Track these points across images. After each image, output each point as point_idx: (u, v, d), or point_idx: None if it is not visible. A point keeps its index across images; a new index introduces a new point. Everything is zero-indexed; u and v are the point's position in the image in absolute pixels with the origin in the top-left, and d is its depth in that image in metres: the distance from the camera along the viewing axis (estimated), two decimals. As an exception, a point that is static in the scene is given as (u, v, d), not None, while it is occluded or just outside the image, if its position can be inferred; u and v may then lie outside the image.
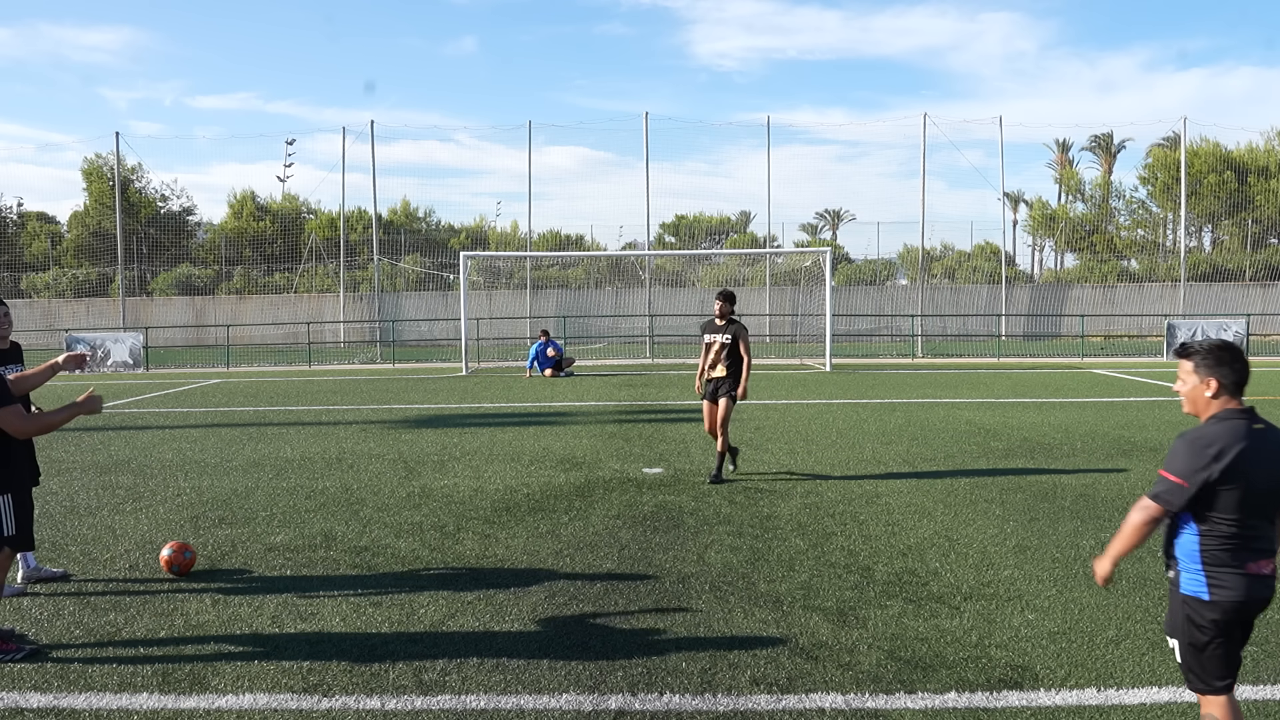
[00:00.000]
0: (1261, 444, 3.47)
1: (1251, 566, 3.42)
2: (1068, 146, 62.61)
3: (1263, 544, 3.45)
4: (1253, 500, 3.40)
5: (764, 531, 7.51)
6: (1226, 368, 3.60)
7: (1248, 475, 3.38)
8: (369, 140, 33.48)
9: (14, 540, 5.21)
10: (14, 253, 42.97)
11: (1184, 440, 3.49)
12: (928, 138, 32.37)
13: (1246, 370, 3.59)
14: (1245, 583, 3.41)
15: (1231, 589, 3.41)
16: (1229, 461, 3.38)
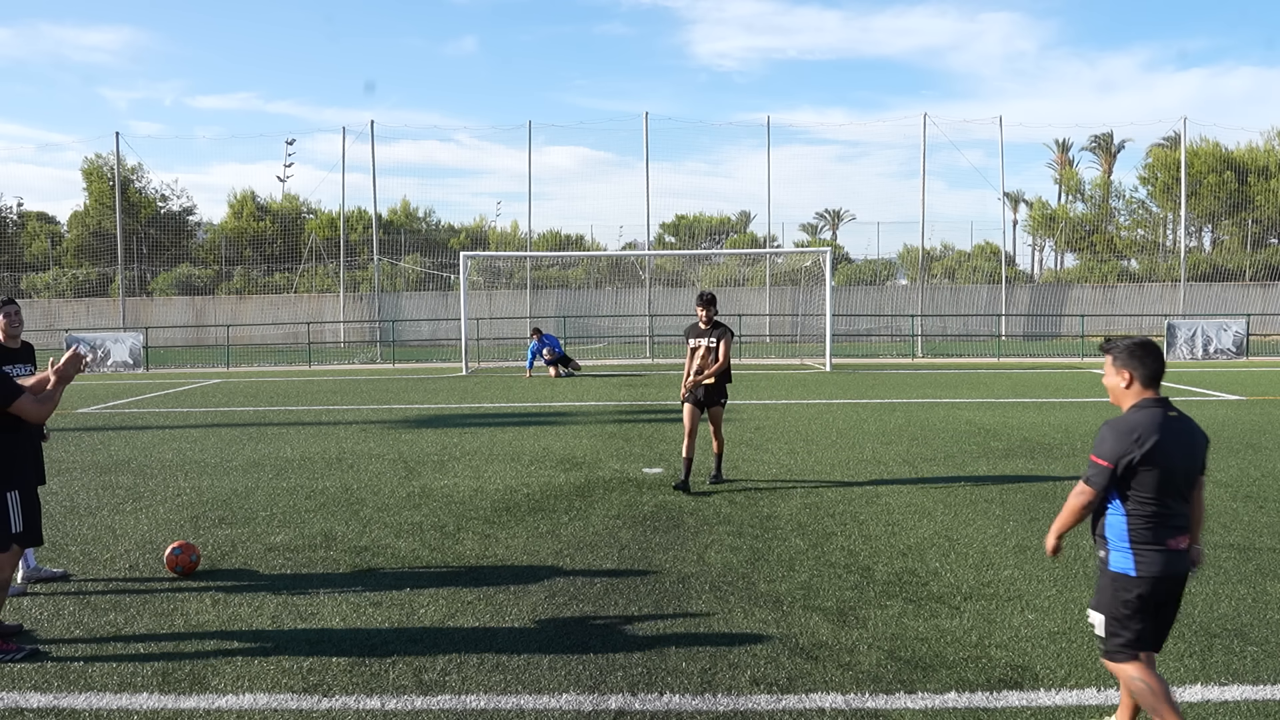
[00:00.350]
0: (1175, 430, 3.82)
1: (1170, 543, 3.80)
2: (1068, 146, 62.64)
3: (1179, 521, 3.84)
4: (1169, 481, 3.78)
5: (764, 531, 7.51)
6: (1138, 361, 3.90)
7: (1164, 458, 3.75)
8: (369, 140, 33.48)
9: (22, 537, 5.22)
10: (14, 253, 42.97)
11: (1108, 427, 3.84)
12: (928, 138, 32.37)
13: (1160, 365, 3.90)
14: (1165, 558, 3.79)
15: (1154, 564, 3.79)
16: (1148, 446, 3.74)
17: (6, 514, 5.13)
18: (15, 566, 5.29)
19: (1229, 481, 9.21)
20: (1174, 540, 3.81)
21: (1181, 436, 3.82)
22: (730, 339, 9.25)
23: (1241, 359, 25.81)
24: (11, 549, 5.18)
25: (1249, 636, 5.19)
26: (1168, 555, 3.80)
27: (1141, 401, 3.88)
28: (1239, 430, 12.50)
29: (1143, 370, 3.88)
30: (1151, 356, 3.89)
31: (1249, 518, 7.80)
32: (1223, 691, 4.52)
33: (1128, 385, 3.91)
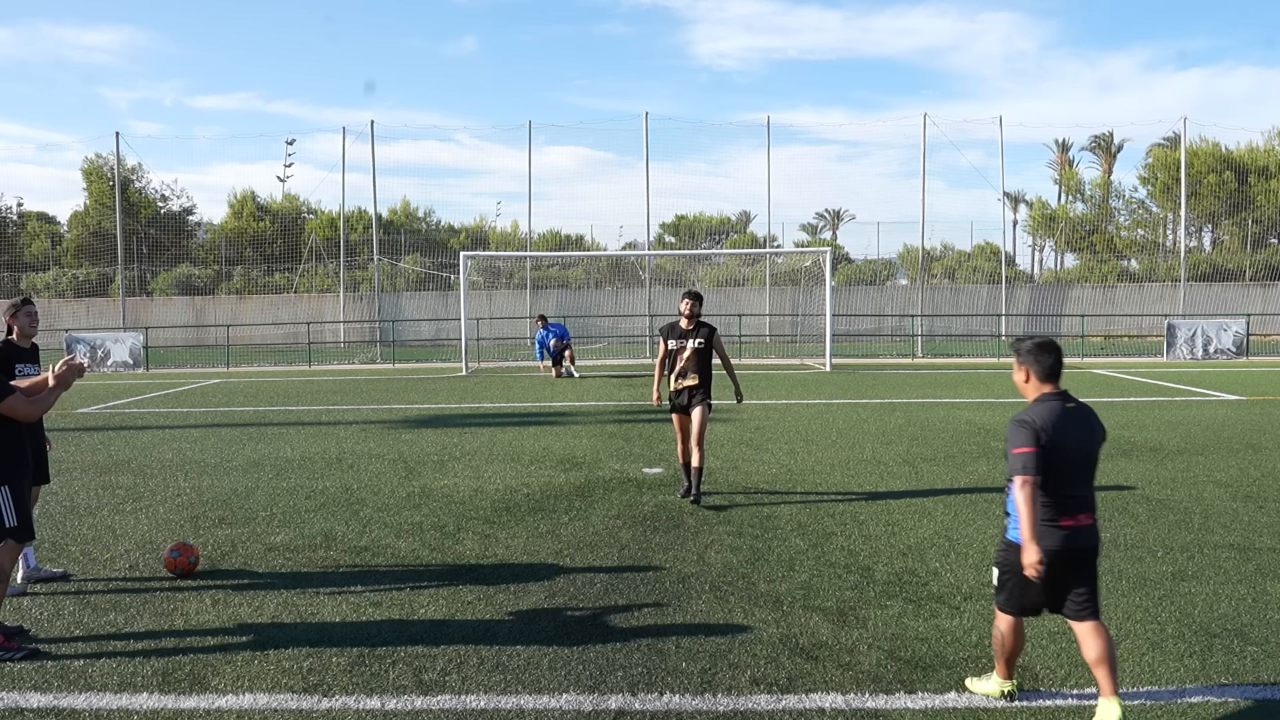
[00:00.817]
0: (1072, 420, 4.21)
1: (1065, 521, 4.15)
2: (1068, 146, 62.64)
3: (1077, 502, 4.18)
4: (1067, 466, 4.15)
5: (764, 531, 7.51)
6: (1033, 359, 4.31)
7: (1062, 445, 4.14)
8: (369, 140, 33.48)
9: (16, 532, 5.22)
10: (14, 253, 42.96)
11: (1014, 421, 4.27)
12: (928, 138, 32.37)
13: (1056, 361, 4.29)
14: (1059, 534, 4.13)
15: (1047, 539, 4.11)
16: (1048, 435, 4.14)
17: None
18: (13, 563, 5.29)
19: (1229, 481, 9.21)
20: (1069, 519, 4.16)
21: (1079, 425, 4.21)
22: (719, 338, 8.61)
23: (1241, 359, 25.81)
24: (6, 543, 5.18)
25: (1249, 636, 5.19)
26: (1062, 532, 4.13)
27: (1041, 395, 4.30)
28: (1239, 430, 12.50)
29: (1038, 367, 4.29)
30: (1046, 354, 4.28)
31: (1249, 518, 7.80)
32: (1223, 691, 4.52)
33: (1026, 380, 4.37)
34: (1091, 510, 4.24)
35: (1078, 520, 4.18)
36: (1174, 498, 8.55)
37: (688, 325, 8.49)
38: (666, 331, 8.56)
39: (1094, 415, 4.32)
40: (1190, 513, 7.99)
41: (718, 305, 36.62)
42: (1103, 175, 56.25)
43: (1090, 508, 4.23)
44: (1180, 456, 10.61)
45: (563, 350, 22.32)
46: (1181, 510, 8.08)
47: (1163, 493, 8.75)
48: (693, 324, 8.49)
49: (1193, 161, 37.59)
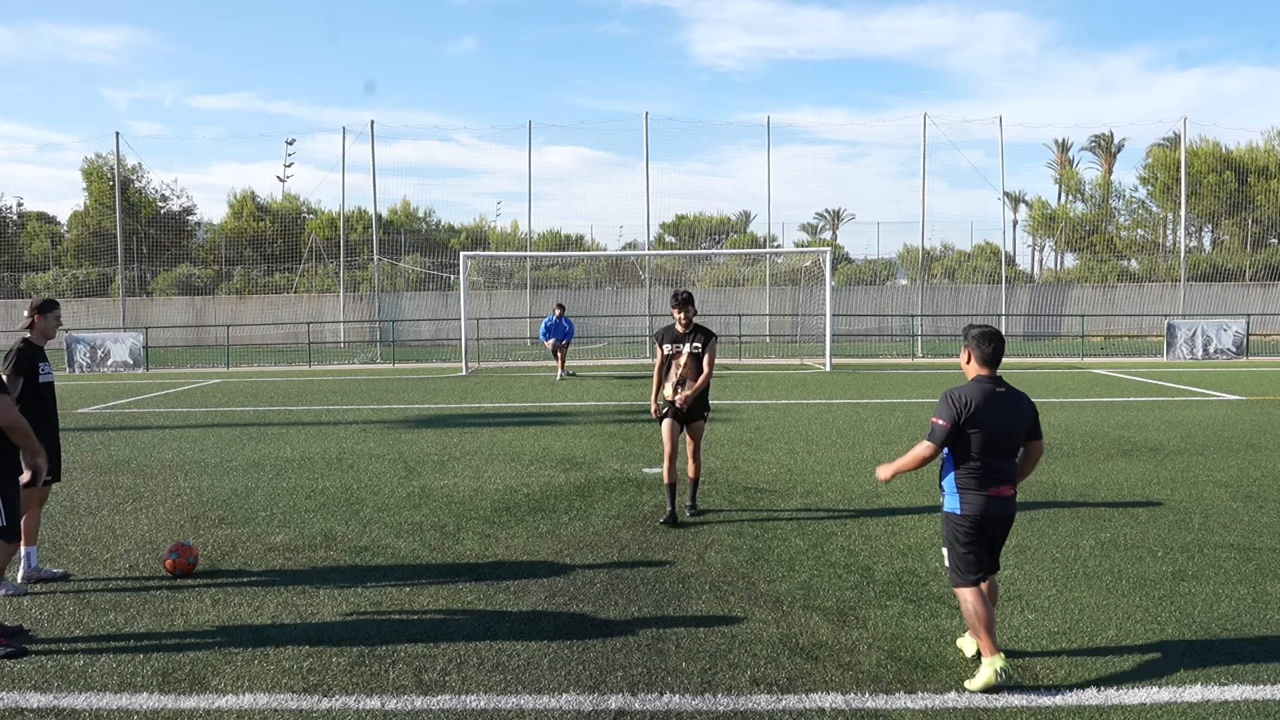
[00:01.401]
0: (999, 402, 4.75)
1: (992, 490, 4.72)
2: (1068, 146, 62.64)
3: (1001, 475, 4.74)
4: (991, 442, 4.69)
5: (764, 531, 7.51)
6: (976, 345, 4.84)
7: (987, 423, 4.68)
8: (369, 140, 33.47)
9: (6, 531, 5.23)
10: (14, 253, 42.94)
11: (945, 395, 4.80)
12: (928, 138, 32.36)
13: (995, 350, 4.81)
14: (986, 502, 4.71)
15: (975, 506, 4.71)
16: (972, 412, 4.67)
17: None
18: (7, 563, 5.30)
19: (1229, 481, 9.21)
20: (995, 489, 4.73)
21: (1005, 407, 4.74)
22: (716, 343, 8.00)
23: (1241, 359, 25.80)
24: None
25: (1249, 636, 5.19)
26: (988, 500, 4.72)
27: (976, 377, 4.84)
28: (1239, 430, 12.50)
29: (979, 352, 4.82)
30: (987, 342, 4.81)
31: (1249, 518, 7.80)
32: (1223, 691, 4.52)
33: (968, 362, 4.89)
34: (1012, 483, 4.78)
35: (1000, 490, 4.74)
36: (1174, 498, 8.55)
37: (684, 329, 7.91)
38: (661, 335, 8.03)
39: (1024, 400, 4.83)
40: (1190, 513, 7.99)
41: (717, 305, 36.61)
42: (1103, 175, 56.22)
43: (1010, 480, 4.78)
44: (1180, 456, 10.60)
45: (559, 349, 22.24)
46: (1181, 510, 8.08)
47: (1163, 493, 8.75)
48: (689, 328, 7.92)
49: (1193, 161, 37.58)
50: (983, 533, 4.75)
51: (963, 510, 4.75)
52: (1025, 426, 4.81)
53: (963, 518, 4.75)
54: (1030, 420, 4.82)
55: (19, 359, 6.24)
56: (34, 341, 6.39)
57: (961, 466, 4.76)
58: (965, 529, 4.75)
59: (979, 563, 4.77)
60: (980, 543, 4.76)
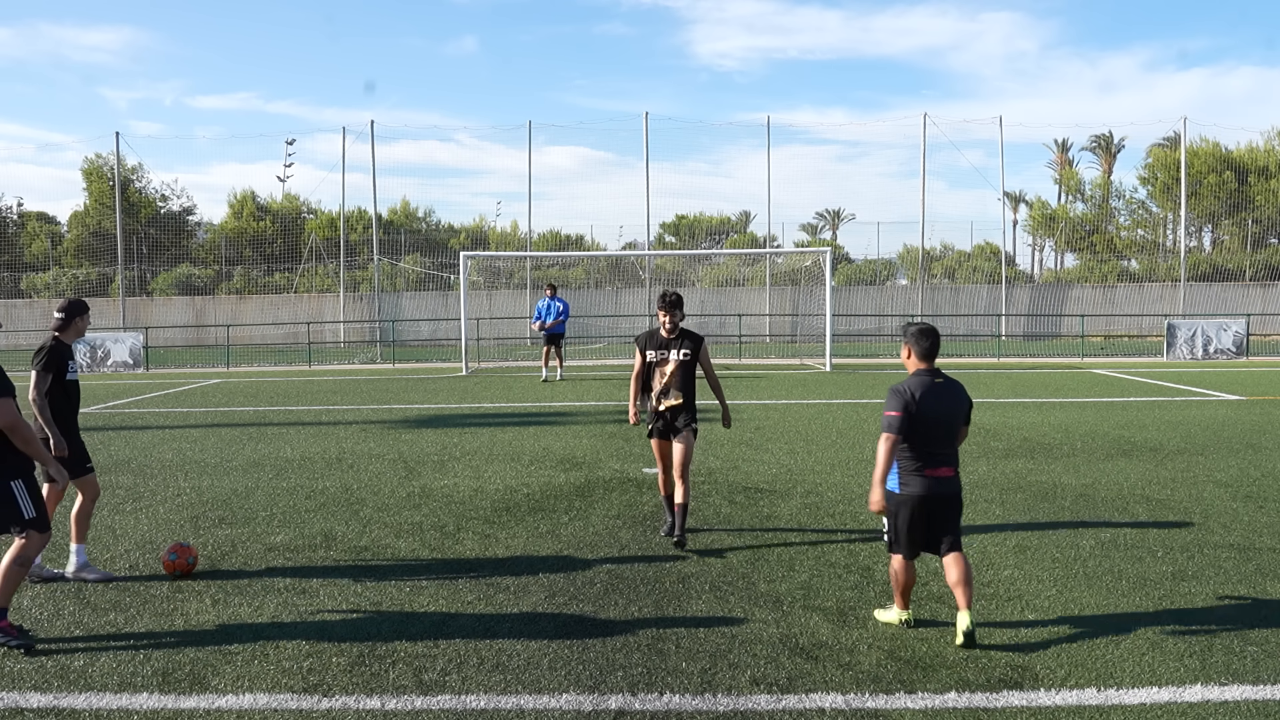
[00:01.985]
0: (938, 392, 5.20)
1: (929, 472, 5.17)
2: (1068, 146, 62.66)
3: (941, 458, 5.20)
4: (932, 428, 5.16)
5: (764, 531, 7.51)
6: (914, 341, 5.28)
7: (927, 412, 5.14)
8: (369, 140, 33.49)
9: (36, 522, 5.28)
10: (14, 253, 42.94)
11: (891, 389, 5.24)
12: (928, 138, 32.39)
13: (932, 345, 5.28)
14: (924, 482, 5.17)
15: (916, 486, 5.18)
16: (915, 403, 5.12)
17: (16, 503, 5.21)
18: (38, 553, 5.35)
19: (1229, 481, 9.21)
20: (933, 470, 5.18)
21: (943, 396, 5.20)
22: (707, 349, 7.30)
23: (1241, 359, 25.80)
24: (29, 534, 5.25)
25: (1249, 636, 5.19)
26: (927, 480, 5.17)
27: (916, 371, 5.29)
28: (1239, 430, 12.50)
29: (918, 348, 5.27)
30: (925, 339, 5.28)
31: (1249, 518, 7.80)
32: (1223, 691, 4.52)
33: (908, 357, 5.33)
34: (953, 465, 5.26)
35: (939, 472, 5.20)
36: (1174, 498, 8.55)
37: (669, 333, 7.20)
38: (644, 340, 7.27)
39: (960, 390, 5.32)
40: (1190, 513, 7.99)
41: (717, 305, 36.61)
42: (1103, 175, 56.24)
43: (951, 463, 5.25)
44: (1180, 456, 10.60)
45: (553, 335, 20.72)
46: (1181, 510, 8.08)
47: (1163, 493, 8.75)
48: (675, 332, 7.20)
49: (1193, 161, 37.57)
50: (923, 511, 5.19)
51: (903, 490, 5.21)
52: (963, 413, 5.31)
53: (905, 497, 5.20)
54: (967, 408, 5.35)
55: (50, 357, 6.36)
56: (64, 340, 6.54)
57: (905, 452, 5.20)
58: (907, 508, 5.20)
59: (913, 540, 5.24)
60: (919, 521, 5.20)
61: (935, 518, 5.24)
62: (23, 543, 5.26)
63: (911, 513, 5.19)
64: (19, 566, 5.24)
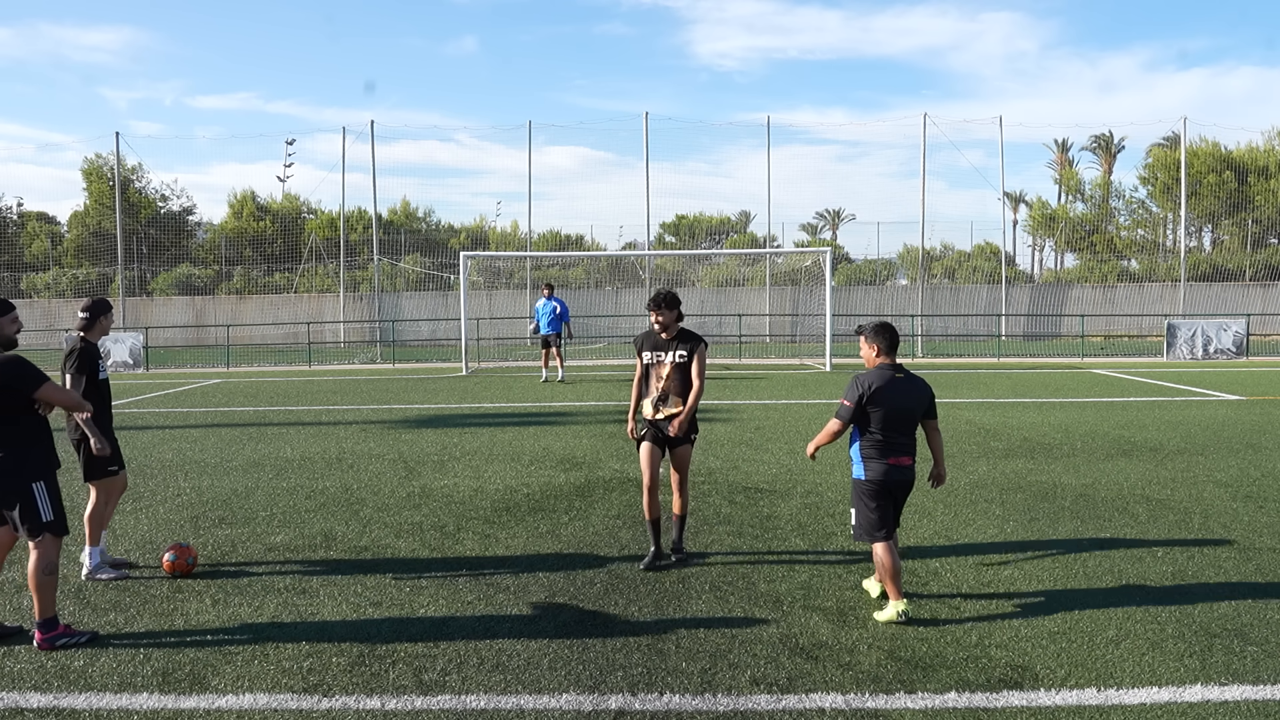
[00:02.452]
0: (898, 385, 5.58)
1: (891, 460, 5.56)
2: (1068, 146, 62.66)
3: (901, 447, 5.58)
4: (890, 418, 5.53)
5: (764, 531, 7.51)
6: (878, 337, 5.69)
7: (887, 402, 5.52)
8: (369, 140, 33.48)
9: (54, 525, 5.30)
10: (14, 253, 42.92)
11: (852, 379, 5.63)
12: (928, 138, 32.37)
13: (892, 340, 5.68)
14: (885, 469, 5.56)
15: (878, 472, 5.56)
16: (873, 393, 5.51)
17: (35, 504, 5.22)
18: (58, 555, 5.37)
19: (1229, 481, 9.21)
20: (895, 459, 5.56)
21: (902, 389, 5.59)
22: (705, 351, 6.73)
23: (1241, 359, 25.80)
24: (45, 537, 5.27)
25: (1249, 636, 5.19)
26: (889, 468, 5.55)
27: (879, 365, 5.66)
28: (1239, 430, 12.50)
29: (881, 343, 5.68)
30: (884, 334, 5.69)
31: (1249, 518, 7.80)
32: (1223, 691, 4.52)
33: (876, 355, 5.69)
34: (910, 455, 5.63)
35: (899, 460, 5.58)
36: (1174, 498, 8.55)
37: (666, 334, 6.67)
38: (640, 341, 6.77)
39: (921, 384, 5.70)
40: (1190, 513, 7.99)
41: (717, 305, 36.61)
42: (1103, 175, 56.24)
43: (909, 453, 5.62)
44: (1180, 456, 10.60)
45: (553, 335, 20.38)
46: (1181, 510, 8.08)
47: (1163, 493, 8.75)
48: (673, 333, 6.67)
49: (1193, 161, 37.57)
50: (886, 495, 5.60)
51: (867, 476, 5.61)
52: (922, 406, 5.68)
53: (868, 483, 5.60)
54: (927, 402, 5.70)
55: (82, 359, 6.44)
56: (91, 339, 6.61)
57: (866, 439, 5.61)
58: (871, 492, 5.60)
59: (883, 520, 5.59)
60: (885, 504, 5.60)
61: (894, 500, 5.70)
62: (41, 551, 5.25)
63: (878, 496, 5.60)
64: (47, 575, 5.25)
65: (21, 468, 5.21)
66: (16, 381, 5.17)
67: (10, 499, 5.20)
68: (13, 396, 5.17)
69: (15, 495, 5.20)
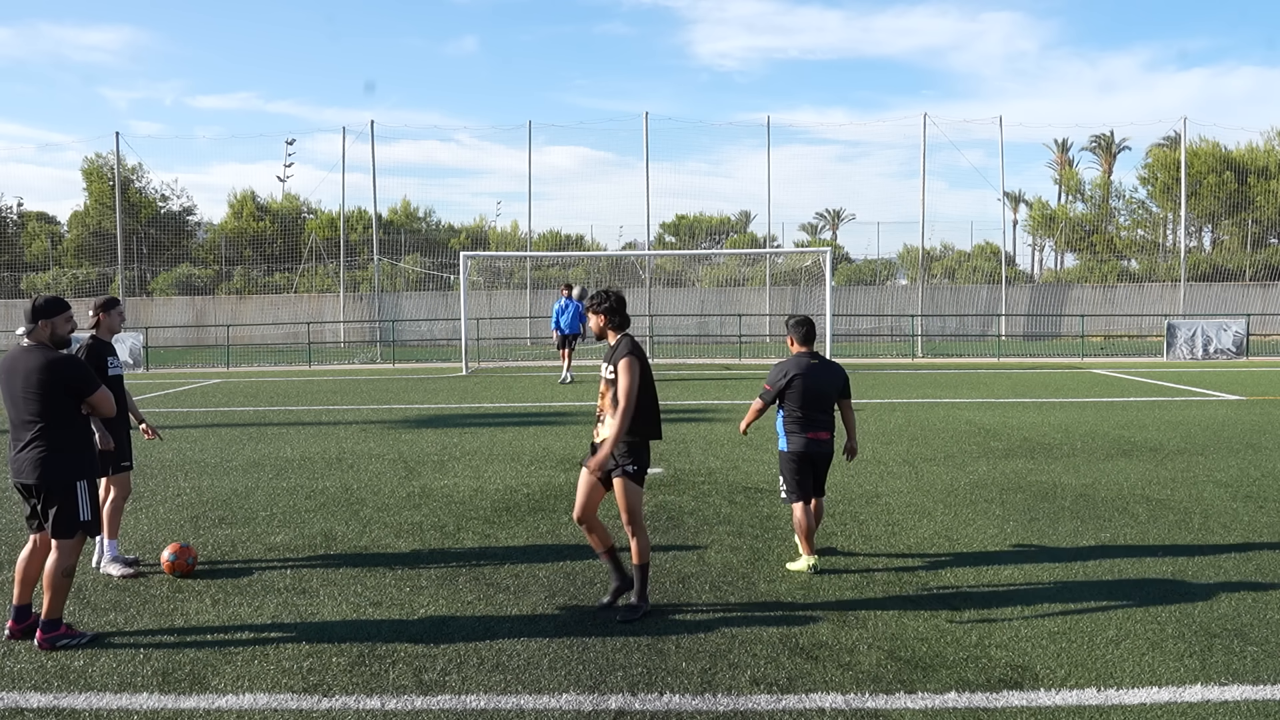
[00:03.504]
0: (814, 370, 6.50)
1: (810, 434, 6.44)
2: (1068, 146, 62.65)
3: (819, 423, 6.46)
4: (806, 398, 6.42)
5: (764, 531, 7.51)
6: (795, 330, 6.64)
7: (804, 385, 6.43)
8: (369, 140, 33.49)
9: (89, 525, 5.34)
10: (14, 253, 42.91)
11: (774, 366, 6.57)
12: (928, 138, 32.37)
13: (808, 332, 6.63)
14: (805, 442, 6.44)
15: (799, 445, 6.44)
16: (791, 377, 6.44)
17: (75, 502, 5.25)
18: (79, 553, 5.40)
19: (1229, 481, 9.21)
20: (814, 433, 6.44)
21: (817, 373, 6.48)
22: (633, 362, 5.48)
23: (1241, 359, 25.80)
24: (78, 535, 5.30)
25: (1249, 636, 5.19)
26: (808, 441, 6.44)
27: (797, 353, 6.58)
28: (1239, 430, 12.50)
29: (797, 334, 6.62)
30: (802, 327, 6.62)
31: (1249, 518, 7.80)
32: (1223, 691, 4.52)
33: (792, 344, 6.61)
34: (829, 430, 6.52)
35: (818, 435, 6.46)
36: (1174, 498, 8.55)
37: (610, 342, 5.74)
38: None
39: (835, 369, 6.64)
40: (1190, 513, 7.99)
41: (717, 305, 36.61)
42: (1103, 175, 56.25)
43: (828, 428, 6.51)
44: (1180, 456, 10.60)
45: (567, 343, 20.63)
46: (1181, 510, 8.08)
47: (1163, 493, 8.75)
48: (614, 339, 5.71)
49: (1193, 162, 37.56)
50: (806, 465, 6.44)
51: (789, 449, 6.45)
52: (837, 388, 6.59)
53: (790, 454, 6.45)
54: (840, 384, 6.62)
55: (90, 355, 6.49)
56: (101, 337, 6.65)
57: (788, 416, 6.47)
58: (792, 462, 6.43)
59: (803, 486, 6.43)
60: (804, 472, 6.44)
61: (814, 470, 6.55)
62: (60, 553, 5.26)
63: (799, 466, 6.42)
64: (65, 577, 5.27)
65: (75, 467, 5.25)
66: (78, 382, 5.25)
67: (54, 497, 5.23)
68: (72, 396, 5.25)
69: (61, 492, 5.23)
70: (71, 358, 5.32)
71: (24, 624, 5.36)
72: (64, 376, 5.19)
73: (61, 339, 5.38)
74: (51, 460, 5.19)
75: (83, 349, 6.49)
